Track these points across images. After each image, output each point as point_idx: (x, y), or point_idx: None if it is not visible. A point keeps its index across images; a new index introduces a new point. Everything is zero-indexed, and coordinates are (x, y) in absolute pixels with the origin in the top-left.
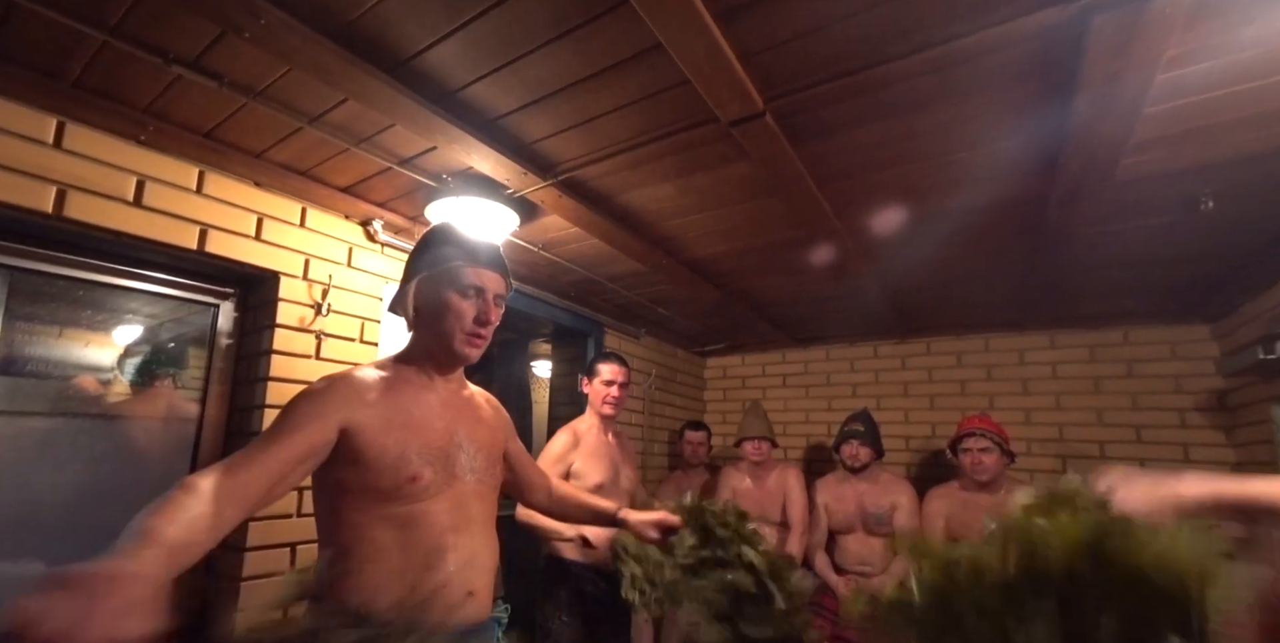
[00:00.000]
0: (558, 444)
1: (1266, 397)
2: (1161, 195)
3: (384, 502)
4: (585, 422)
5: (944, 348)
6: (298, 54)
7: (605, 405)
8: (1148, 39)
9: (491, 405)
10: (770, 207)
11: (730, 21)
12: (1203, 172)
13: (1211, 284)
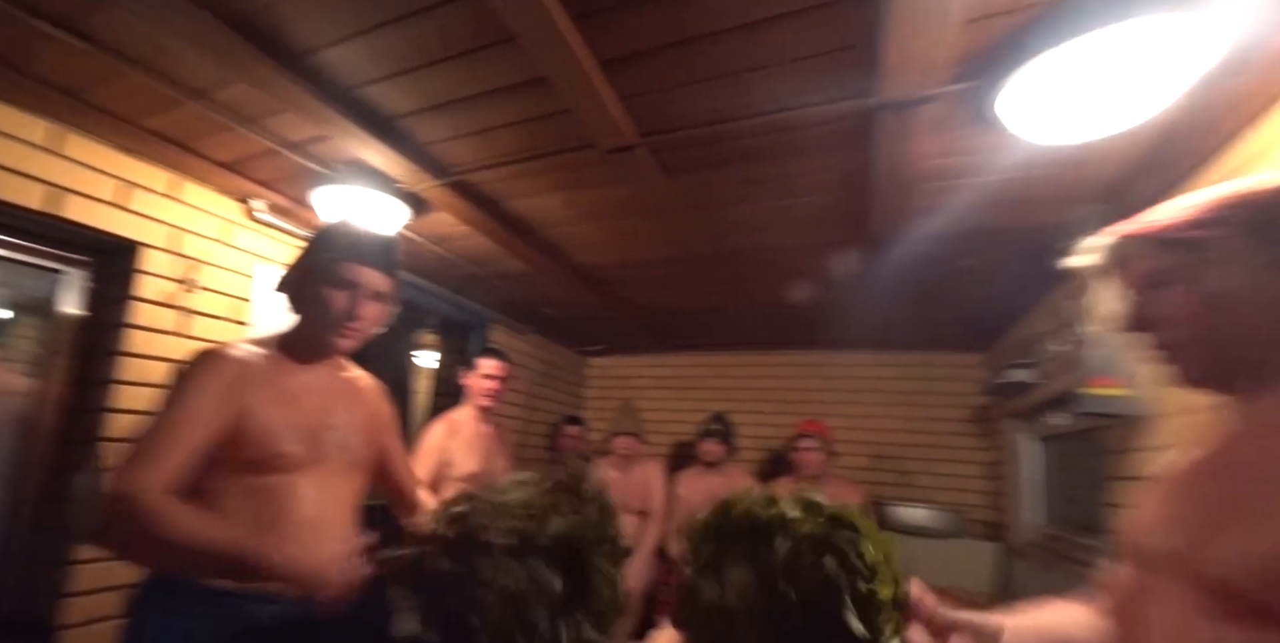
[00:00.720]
0: (435, 435)
1: (1004, 413)
2: (936, 252)
3: (247, 472)
4: (463, 413)
5: (795, 360)
6: (186, 32)
7: (483, 398)
8: (917, 135)
9: (375, 393)
10: (646, 226)
11: (608, 69)
12: (963, 237)
13: (977, 323)
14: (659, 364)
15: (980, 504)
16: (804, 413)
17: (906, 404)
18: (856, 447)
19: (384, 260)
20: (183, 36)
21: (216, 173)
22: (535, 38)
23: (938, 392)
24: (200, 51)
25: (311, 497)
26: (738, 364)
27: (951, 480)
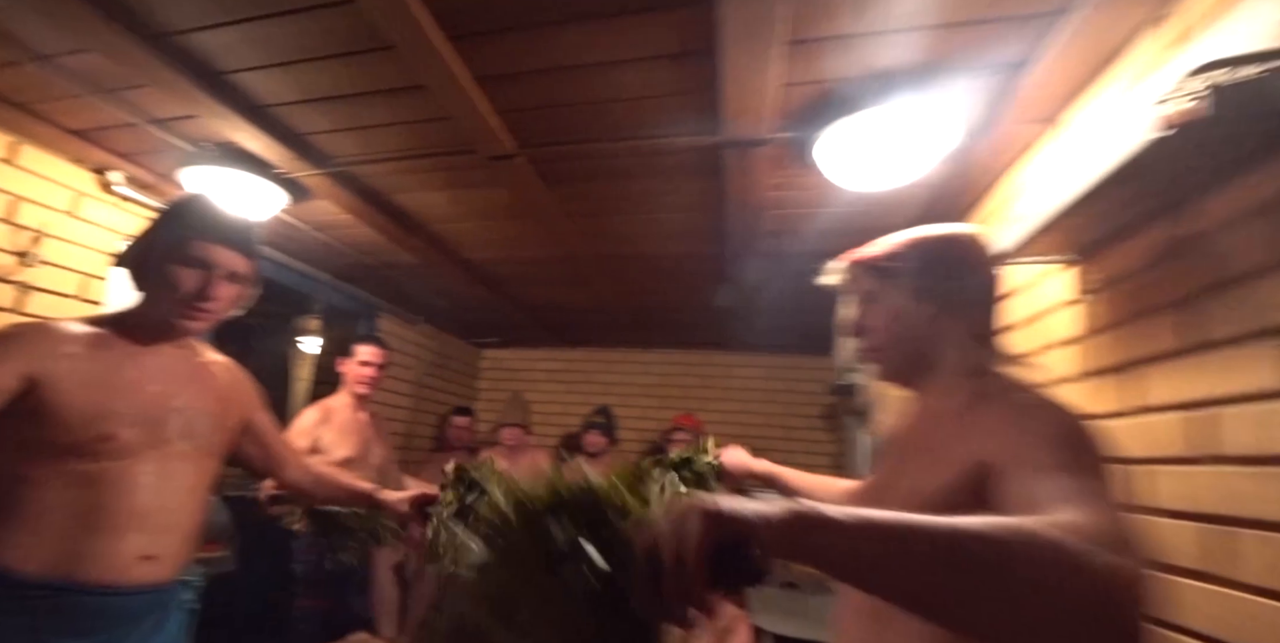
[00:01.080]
0: (306, 419)
1: (845, 410)
2: (786, 268)
3: (67, 458)
4: (339, 400)
5: (676, 359)
6: None
7: (359, 385)
8: (758, 169)
9: (232, 375)
10: (530, 228)
11: (484, 85)
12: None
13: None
14: (551, 358)
15: None
16: (681, 408)
17: (771, 401)
18: (727, 439)
19: (241, 240)
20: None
21: (66, 140)
22: (412, 50)
23: (798, 391)
24: (43, 16)
25: (150, 485)
26: (624, 361)
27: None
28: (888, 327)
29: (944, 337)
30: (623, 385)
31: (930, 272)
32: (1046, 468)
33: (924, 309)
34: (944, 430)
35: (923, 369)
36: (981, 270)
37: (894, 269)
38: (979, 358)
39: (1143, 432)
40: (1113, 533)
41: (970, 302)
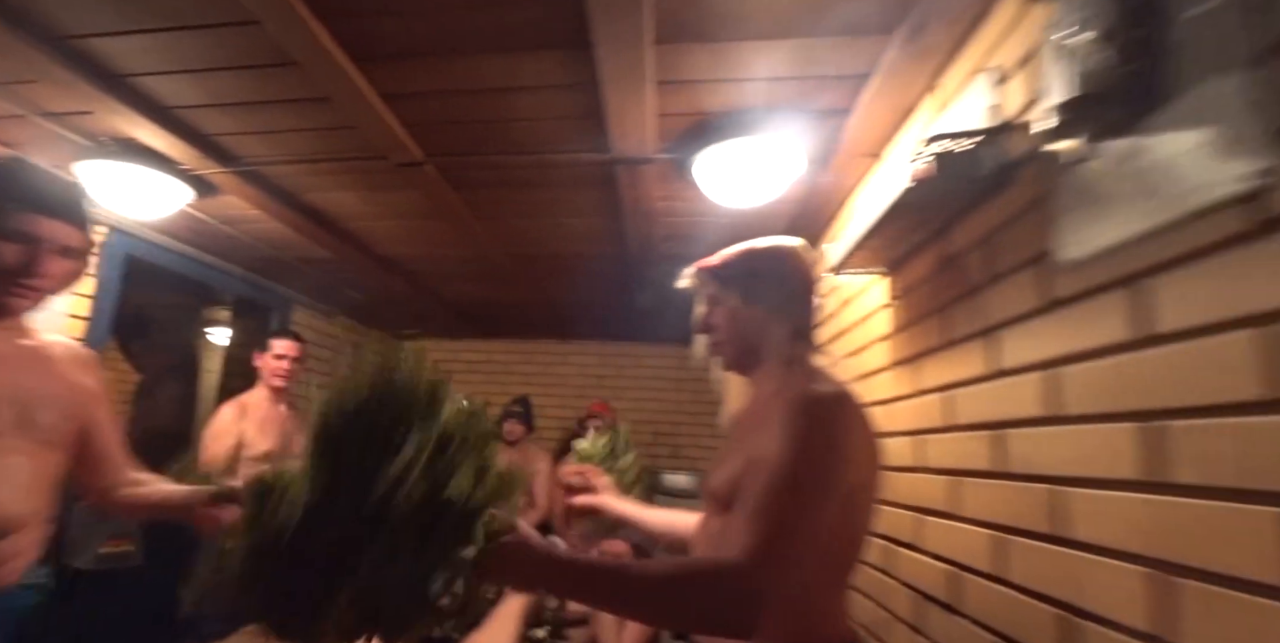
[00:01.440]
0: (224, 417)
1: None
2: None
3: None
4: (255, 394)
5: (592, 350)
6: None
7: (275, 378)
8: (647, 183)
9: (76, 359)
10: (442, 228)
11: (389, 101)
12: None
13: None
14: (471, 349)
15: None
16: (595, 397)
17: (678, 390)
18: (640, 426)
19: (71, 210)
20: None
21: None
22: (317, 68)
23: (702, 379)
24: None
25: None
26: (542, 352)
27: (708, 452)
28: (726, 325)
29: (770, 333)
30: (540, 376)
31: (758, 279)
32: (768, 478)
33: (754, 311)
34: (758, 415)
35: (754, 361)
36: (800, 277)
37: (730, 276)
38: (795, 351)
39: (919, 409)
40: (741, 572)
41: (791, 304)
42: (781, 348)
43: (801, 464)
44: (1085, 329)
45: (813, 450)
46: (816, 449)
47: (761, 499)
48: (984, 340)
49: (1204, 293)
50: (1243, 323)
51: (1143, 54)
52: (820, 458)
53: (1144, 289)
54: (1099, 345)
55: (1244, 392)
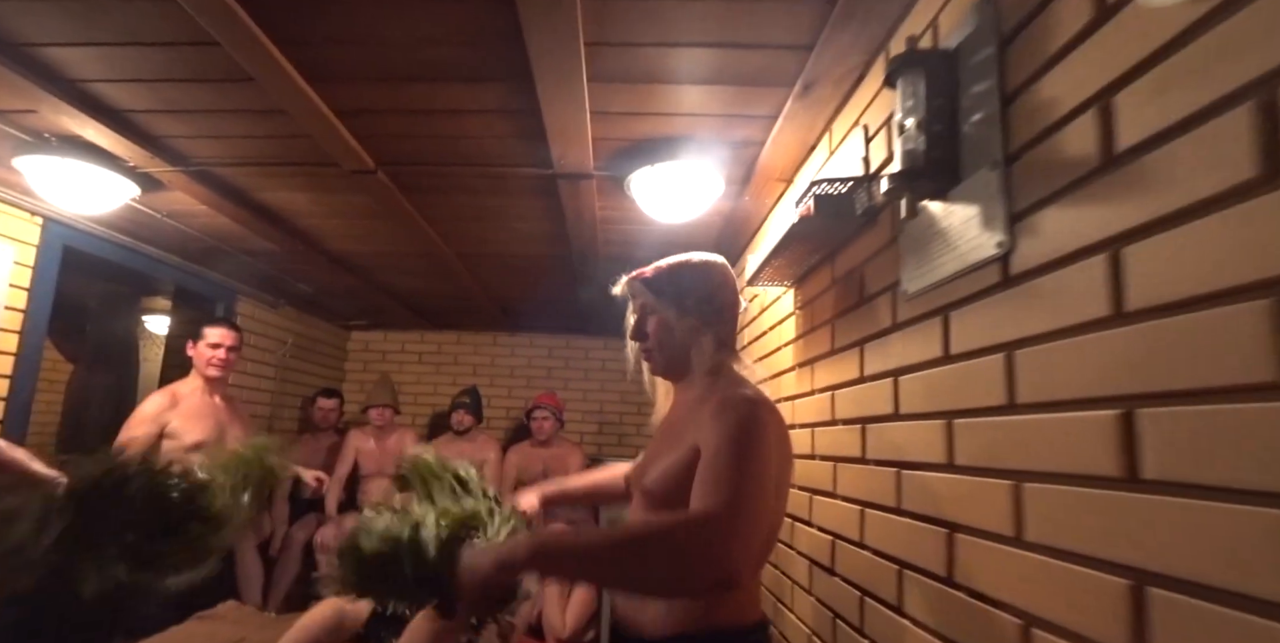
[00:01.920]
0: (151, 405)
1: None
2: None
3: None
4: (188, 384)
5: (541, 342)
6: None
7: (210, 368)
8: (588, 195)
9: None
10: (392, 227)
11: (343, 117)
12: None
13: None
14: (420, 340)
15: None
16: (543, 387)
17: (623, 381)
18: (588, 416)
19: None
20: None
21: None
22: (273, 84)
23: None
24: None
25: None
26: (491, 343)
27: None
28: (657, 334)
29: (698, 344)
30: (490, 367)
31: (690, 293)
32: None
33: (685, 322)
34: (686, 418)
35: (682, 368)
36: (726, 292)
37: (663, 289)
38: (719, 360)
39: (812, 406)
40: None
41: (717, 317)
42: (708, 357)
43: (743, 445)
44: (914, 348)
45: (747, 441)
46: (751, 441)
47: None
48: (856, 350)
49: (975, 327)
50: (997, 349)
51: (944, 145)
52: (754, 449)
53: (948, 320)
54: (920, 361)
55: (996, 398)
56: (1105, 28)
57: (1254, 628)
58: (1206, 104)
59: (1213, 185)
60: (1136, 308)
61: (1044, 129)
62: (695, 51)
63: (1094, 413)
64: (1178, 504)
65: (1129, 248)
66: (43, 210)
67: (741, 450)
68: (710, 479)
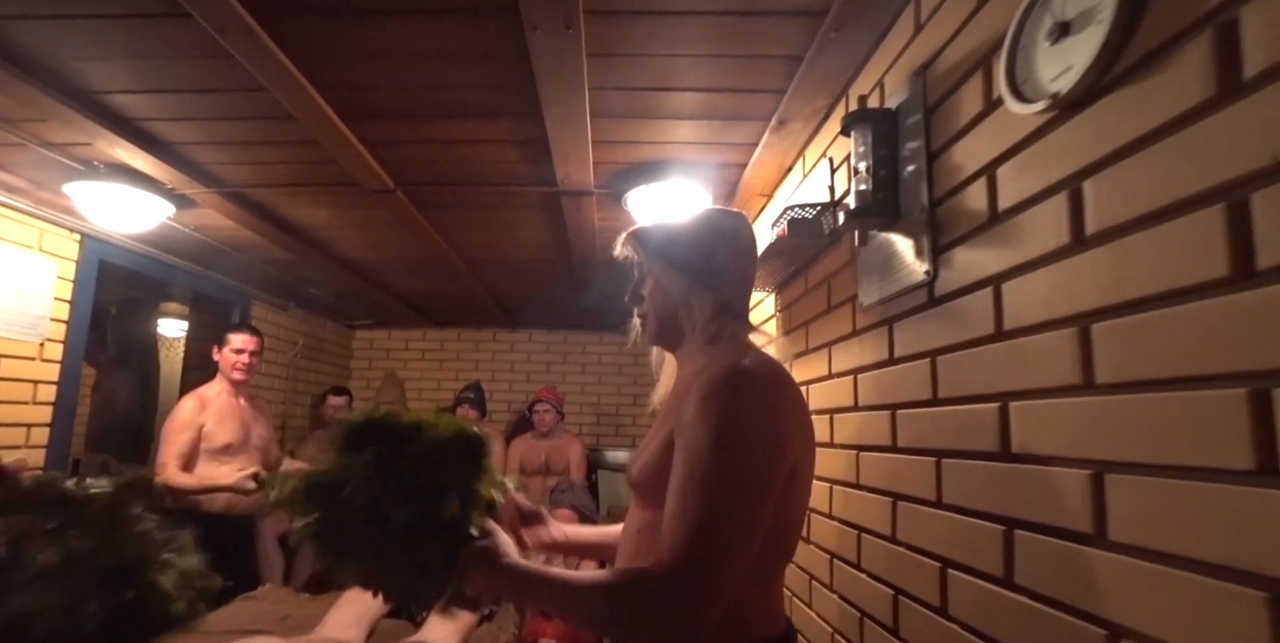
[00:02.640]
0: (185, 411)
1: None
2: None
3: None
4: (214, 387)
5: (540, 338)
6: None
7: (235, 372)
8: (588, 209)
9: None
10: (405, 237)
11: (370, 146)
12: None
13: None
14: (423, 338)
15: None
16: (544, 382)
17: (620, 374)
18: (585, 408)
19: None
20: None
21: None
22: (311, 121)
23: (641, 364)
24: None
25: None
26: (492, 340)
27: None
28: (649, 295)
29: (692, 305)
30: (491, 362)
31: (682, 246)
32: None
33: (675, 278)
34: (676, 398)
35: (676, 335)
36: (730, 248)
37: (655, 242)
38: (720, 327)
39: None
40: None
41: (716, 275)
42: (704, 322)
43: (729, 449)
44: (867, 351)
45: (741, 432)
46: (745, 430)
47: (685, 495)
48: (826, 351)
49: (911, 336)
50: (926, 355)
51: (887, 187)
52: (750, 439)
53: (893, 330)
54: (873, 362)
55: (924, 393)
56: (990, 118)
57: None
58: (1044, 187)
59: (1049, 245)
60: (1009, 328)
61: (955, 186)
62: (685, 94)
63: (983, 406)
64: (1040, 471)
65: (1006, 283)
66: (81, 228)
67: (726, 455)
68: (679, 505)
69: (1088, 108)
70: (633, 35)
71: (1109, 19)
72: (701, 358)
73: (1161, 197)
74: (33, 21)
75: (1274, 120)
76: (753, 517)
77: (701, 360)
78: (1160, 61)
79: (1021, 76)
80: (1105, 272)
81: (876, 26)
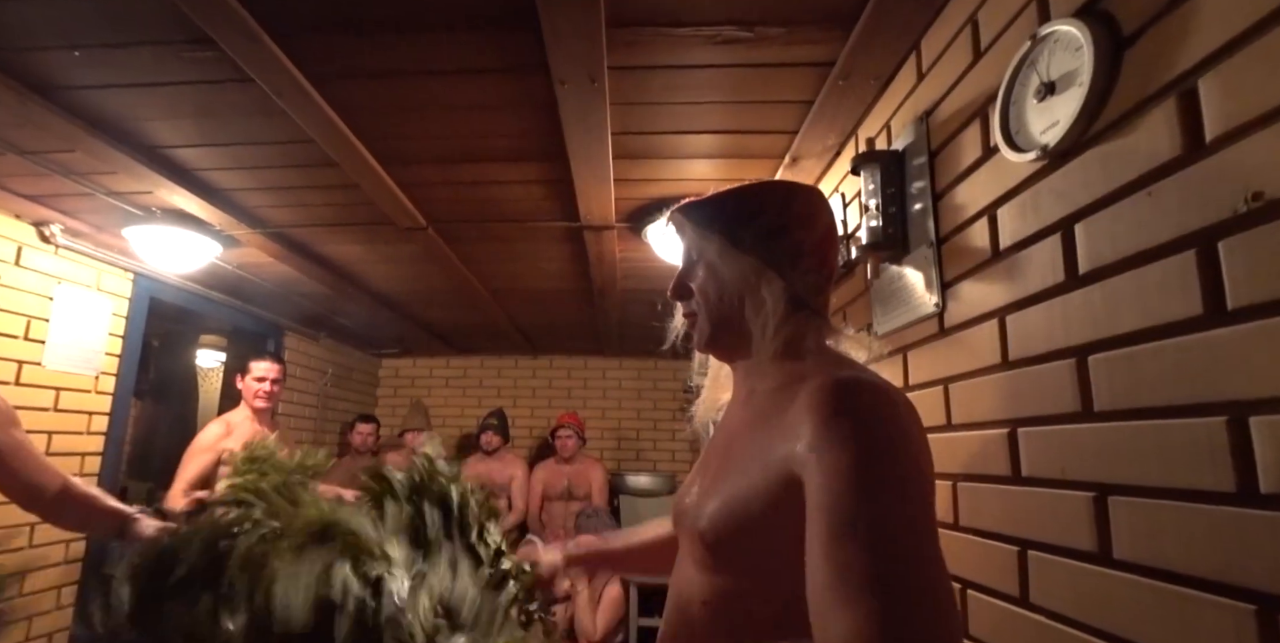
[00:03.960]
0: (209, 434)
1: None
2: (641, 299)
3: None
4: (239, 414)
5: (560, 364)
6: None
7: (257, 399)
8: (610, 241)
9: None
10: (433, 270)
11: (406, 188)
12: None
13: None
14: (447, 365)
15: (685, 470)
16: (565, 407)
17: (639, 398)
18: (606, 432)
19: None
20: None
21: (14, 201)
22: (352, 166)
23: (660, 389)
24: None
25: None
26: (514, 366)
27: (667, 454)
28: (700, 287)
29: (762, 298)
30: (513, 389)
31: (749, 220)
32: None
33: (737, 262)
34: (755, 422)
35: (737, 339)
36: (811, 224)
37: (712, 217)
38: (797, 329)
39: None
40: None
41: (791, 258)
42: (777, 321)
43: (884, 491)
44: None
45: (890, 467)
46: (894, 465)
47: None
48: None
49: (924, 364)
50: (939, 382)
51: (896, 223)
52: (900, 479)
53: (907, 357)
54: None
55: (939, 419)
56: (989, 163)
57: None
58: (1040, 228)
59: (1047, 281)
60: (1015, 358)
61: (959, 224)
62: (702, 136)
63: (994, 431)
64: (1050, 494)
65: (1009, 316)
66: (134, 267)
67: (885, 490)
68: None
69: (1075, 158)
70: (653, 86)
71: (1087, 82)
72: (777, 371)
73: (1142, 241)
74: (115, 89)
75: (1234, 177)
76: (933, 556)
77: (778, 374)
78: (1133, 121)
79: (1015, 128)
80: (1098, 307)
81: (881, 75)
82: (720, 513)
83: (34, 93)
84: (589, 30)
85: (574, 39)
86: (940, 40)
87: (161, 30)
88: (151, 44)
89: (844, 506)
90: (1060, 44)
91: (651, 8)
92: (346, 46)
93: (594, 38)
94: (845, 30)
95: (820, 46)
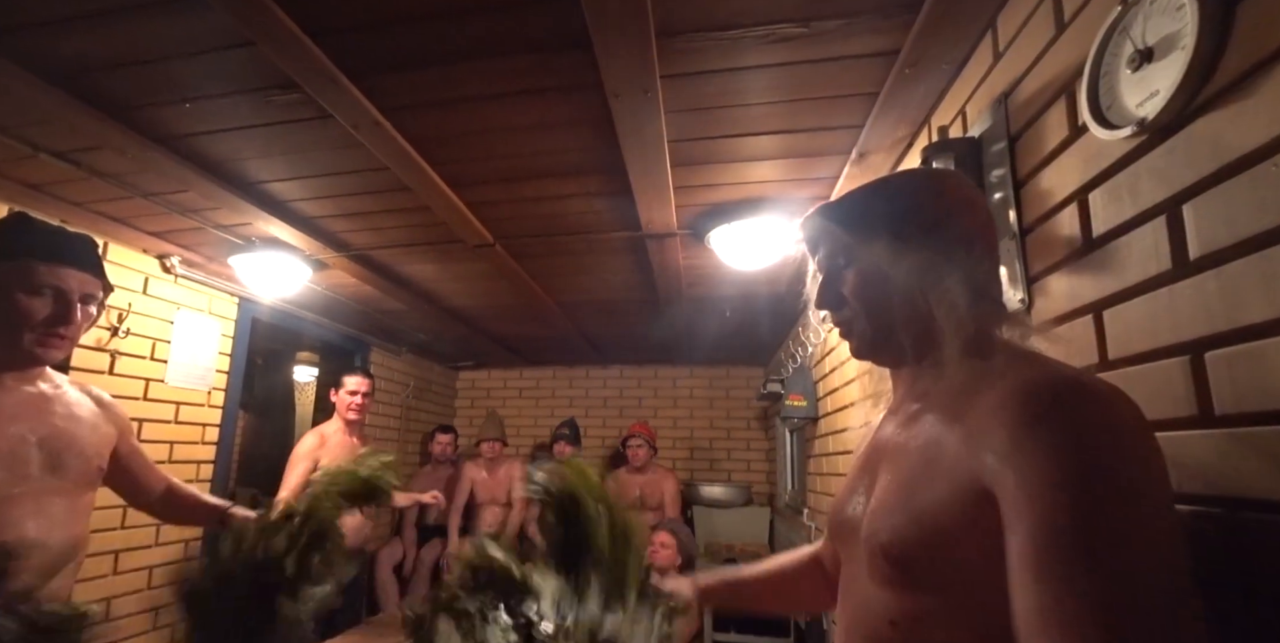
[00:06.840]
0: (306, 444)
1: (773, 412)
2: (708, 307)
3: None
4: (332, 425)
5: (630, 373)
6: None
7: (349, 412)
8: (672, 250)
9: (98, 402)
10: (503, 286)
11: (472, 207)
12: (720, 299)
13: (756, 346)
14: (520, 377)
15: (761, 480)
16: (636, 417)
17: (711, 407)
18: (678, 442)
19: (89, 260)
20: (150, 170)
21: (143, 238)
22: (424, 190)
23: (734, 397)
24: (157, 174)
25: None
26: (585, 377)
27: (742, 464)
28: (856, 291)
29: (930, 294)
30: (584, 399)
31: (908, 215)
32: (1057, 532)
33: (908, 260)
34: (936, 426)
35: (906, 341)
36: (969, 209)
37: (862, 217)
38: (979, 321)
39: None
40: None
41: (962, 248)
42: (962, 315)
43: (1115, 505)
44: None
45: (1118, 474)
46: (1122, 473)
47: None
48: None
49: None
50: None
51: None
52: (1132, 488)
53: None
54: None
55: None
56: (1076, 144)
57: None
58: (1137, 214)
59: (1149, 271)
60: (1115, 357)
61: (1044, 213)
62: (762, 138)
63: None
64: None
65: (1107, 311)
66: (239, 292)
67: (1116, 502)
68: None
69: (1179, 132)
70: (707, 92)
71: (1191, 45)
72: (958, 371)
73: (1268, 220)
74: (219, 134)
75: None
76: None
77: (960, 375)
78: (1249, 86)
79: (1105, 103)
80: (1214, 297)
81: (953, 60)
82: (907, 527)
83: (155, 143)
84: (639, 44)
85: (625, 54)
86: (1018, 15)
87: (253, 79)
88: (246, 92)
89: (1056, 522)
90: (1157, 5)
91: (700, 14)
92: (413, 80)
93: (644, 51)
94: (910, 16)
95: (882, 36)
